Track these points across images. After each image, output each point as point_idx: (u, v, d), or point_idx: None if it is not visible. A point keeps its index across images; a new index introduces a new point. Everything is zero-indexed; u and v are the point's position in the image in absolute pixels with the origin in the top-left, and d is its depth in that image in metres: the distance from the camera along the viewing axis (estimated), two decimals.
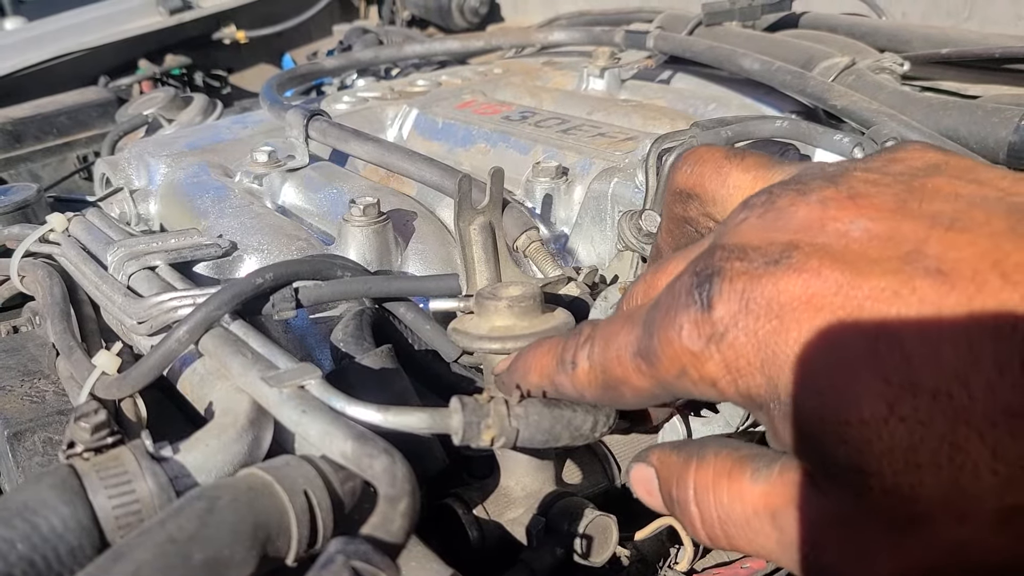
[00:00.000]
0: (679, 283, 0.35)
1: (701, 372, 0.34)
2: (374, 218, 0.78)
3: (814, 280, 0.31)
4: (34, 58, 1.73)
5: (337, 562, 0.36)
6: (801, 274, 0.31)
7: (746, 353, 0.32)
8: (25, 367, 0.72)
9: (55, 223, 0.80)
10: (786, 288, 0.31)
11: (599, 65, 1.23)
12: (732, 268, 0.33)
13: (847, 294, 0.30)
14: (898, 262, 0.30)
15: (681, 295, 0.34)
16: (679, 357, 0.34)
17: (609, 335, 0.39)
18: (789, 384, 0.31)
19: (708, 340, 0.33)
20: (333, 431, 0.45)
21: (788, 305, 0.31)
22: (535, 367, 0.45)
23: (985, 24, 1.32)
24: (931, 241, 0.30)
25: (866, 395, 0.29)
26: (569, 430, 0.47)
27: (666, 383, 0.36)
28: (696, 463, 0.38)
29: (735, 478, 0.36)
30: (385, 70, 1.68)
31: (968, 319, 0.27)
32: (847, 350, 0.29)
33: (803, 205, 0.34)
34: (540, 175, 0.90)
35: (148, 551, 0.38)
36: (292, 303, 0.62)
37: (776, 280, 0.32)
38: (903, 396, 0.28)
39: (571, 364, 0.42)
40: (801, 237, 0.32)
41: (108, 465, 0.45)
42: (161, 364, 0.56)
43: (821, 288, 0.31)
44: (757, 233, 0.34)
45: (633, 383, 0.38)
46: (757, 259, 0.33)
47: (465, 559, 0.57)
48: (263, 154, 0.99)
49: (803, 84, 0.95)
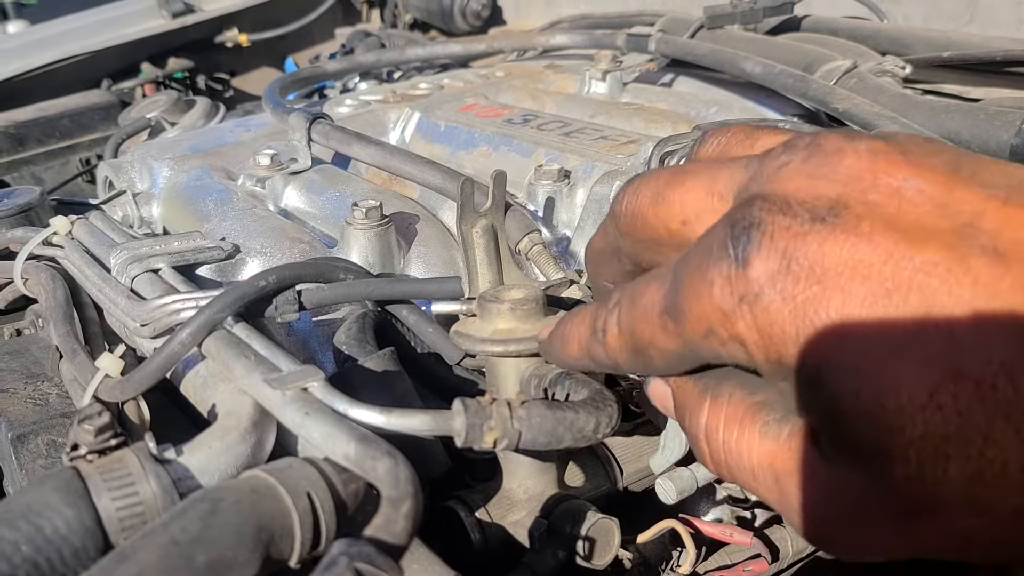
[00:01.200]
0: (712, 234, 0.32)
1: (731, 331, 0.32)
2: (376, 221, 0.78)
3: (864, 245, 0.28)
4: (37, 61, 1.74)
5: (340, 564, 0.37)
6: (850, 237, 0.29)
7: (781, 319, 0.30)
8: (28, 370, 0.72)
9: (58, 226, 0.81)
10: (832, 251, 0.29)
11: (601, 68, 1.23)
12: (774, 222, 0.30)
13: (897, 265, 0.28)
14: (953, 235, 0.28)
15: (713, 248, 0.32)
16: (707, 315, 0.32)
17: (636, 295, 0.37)
18: (826, 358, 0.29)
19: (741, 299, 0.31)
20: (336, 433, 0.45)
21: (833, 270, 0.29)
22: (573, 337, 0.43)
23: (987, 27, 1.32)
24: (987, 215, 0.28)
25: (908, 380, 0.27)
26: (571, 431, 0.47)
27: (693, 343, 0.34)
28: (710, 401, 0.37)
29: (745, 427, 0.35)
30: (387, 73, 1.68)
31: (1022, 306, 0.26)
32: (893, 329, 0.28)
33: (852, 153, 0.31)
34: (542, 178, 0.90)
35: (152, 553, 0.38)
36: (295, 306, 0.62)
37: (822, 241, 0.29)
38: (946, 383, 0.26)
39: (602, 331, 0.39)
40: (851, 192, 0.30)
41: (112, 467, 0.45)
42: (164, 367, 0.56)
43: (870, 255, 0.28)
44: (802, 181, 0.31)
45: (660, 344, 0.36)
46: (802, 214, 0.30)
47: (467, 562, 0.57)
48: (266, 157, 0.99)
49: (805, 87, 0.95)
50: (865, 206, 0.29)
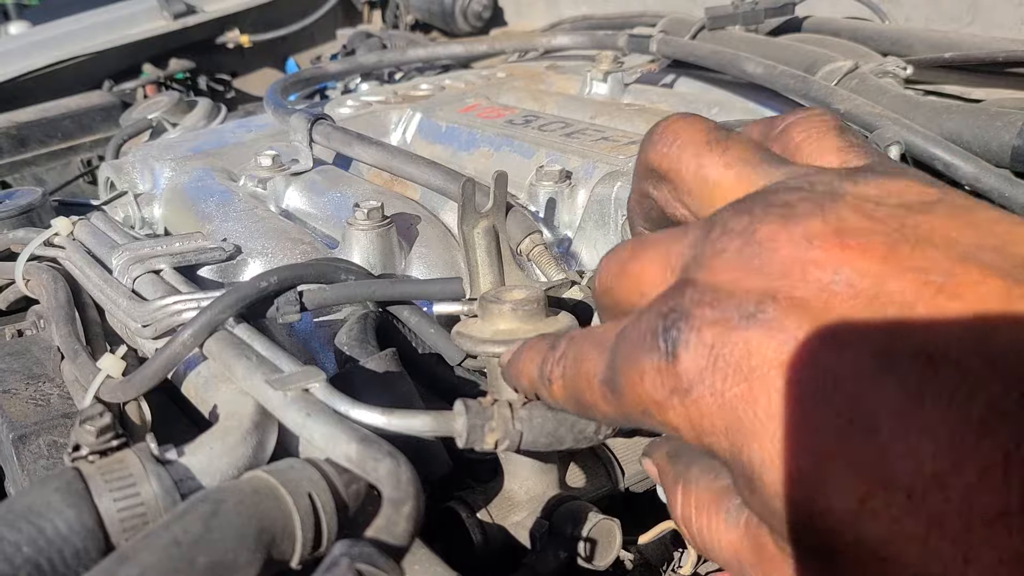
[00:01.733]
0: (645, 320, 0.33)
1: (663, 418, 0.32)
2: (378, 222, 0.78)
3: (789, 342, 0.28)
4: (39, 62, 1.74)
5: (342, 565, 0.37)
6: (776, 335, 0.29)
7: (710, 414, 0.30)
8: (30, 370, 0.72)
9: (60, 227, 0.81)
10: (758, 348, 0.29)
11: (602, 69, 1.23)
12: (702, 316, 0.31)
13: (824, 366, 0.27)
14: (883, 333, 0.27)
15: (646, 337, 0.32)
16: (641, 400, 0.33)
17: (580, 357, 0.38)
18: (755, 458, 0.29)
19: (671, 392, 0.31)
20: (337, 434, 0.45)
21: (759, 368, 0.29)
22: (524, 373, 0.44)
23: (988, 28, 1.32)
24: (919, 307, 0.27)
25: (837, 486, 0.26)
26: (573, 433, 0.47)
27: (631, 417, 0.34)
28: (682, 488, 0.38)
29: (712, 514, 0.35)
30: (388, 74, 1.68)
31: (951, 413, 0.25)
32: (818, 433, 0.27)
33: (786, 242, 0.30)
34: (543, 179, 0.90)
35: (153, 554, 0.38)
36: (296, 307, 0.62)
37: (748, 338, 0.29)
38: (876, 492, 0.26)
39: (547, 380, 0.40)
40: (780, 286, 0.30)
41: (113, 468, 0.45)
42: (166, 367, 0.57)
43: (795, 353, 0.28)
44: (733, 273, 0.31)
45: (601, 409, 0.36)
46: (730, 309, 0.30)
47: (469, 563, 0.57)
48: (267, 158, 0.99)
49: (806, 88, 0.95)
50: (792, 301, 0.29)
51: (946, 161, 0.81)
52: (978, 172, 0.80)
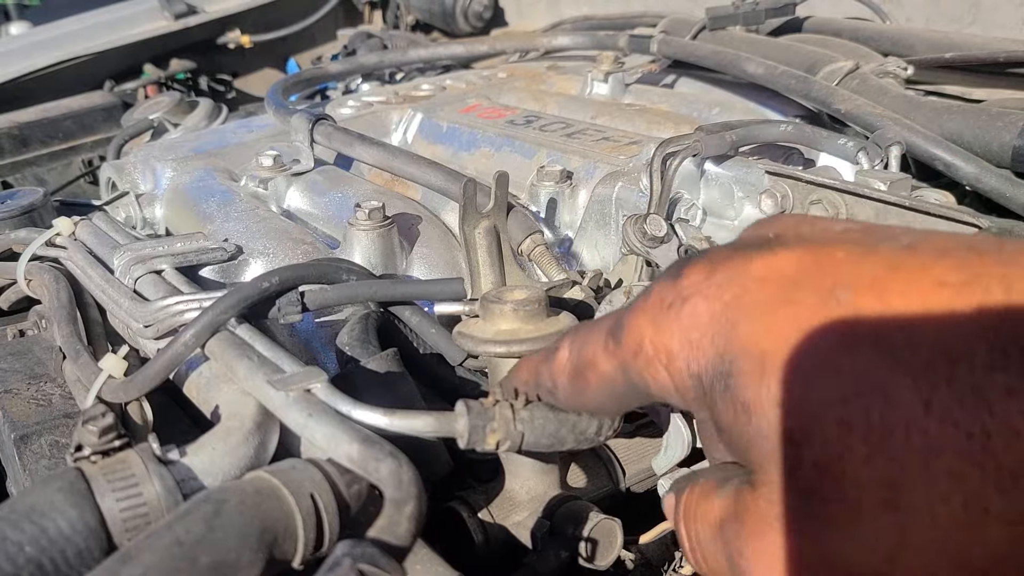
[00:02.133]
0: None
1: (656, 344, 0.34)
2: (379, 222, 0.78)
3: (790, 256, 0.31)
4: (40, 63, 1.74)
5: (344, 565, 0.37)
6: (778, 253, 0.32)
7: (703, 323, 0.32)
8: (32, 370, 0.72)
9: (61, 227, 0.81)
10: (758, 265, 0.32)
11: (603, 70, 1.23)
12: (717, 250, 0.34)
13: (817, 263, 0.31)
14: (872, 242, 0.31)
15: (660, 275, 0.36)
16: (640, 329, 0.35)
17: (592, 323, 0.41)
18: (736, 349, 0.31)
19: (670, 306, 0.34)
20: (339, 434, 0.45)
21: (757, 277, 0.32)
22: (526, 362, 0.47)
23: (989, 28, 1.32)
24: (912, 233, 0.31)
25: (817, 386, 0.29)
26: (574, 434, 0.47)
27: (625, 363, 0.36)
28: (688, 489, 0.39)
29: (707, 497, 0.37)
30: (389, 74, 1.68)
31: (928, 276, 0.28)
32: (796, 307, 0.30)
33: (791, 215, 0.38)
34: (544, 179, 0.90)
35: (155, 554, 0.38)
36: (298, 307, 0.62)
37: (750, 259, 0.32)
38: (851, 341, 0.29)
39: (555, 350, 0.43)
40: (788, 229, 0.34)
41: (115, 468, 0.45)
42: (168, 368, 0.57)
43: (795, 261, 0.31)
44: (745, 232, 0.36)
45: (599, 364, 0.38)
46: (740, 245, 0.34)
47: (470, 562, 0.57)
48: (268, 158, 0.99)
49: (807, 88, 0.95)
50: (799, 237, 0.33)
51: (947, 161, 0.81)
52: (979, 172, 0.80)
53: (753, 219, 0.77)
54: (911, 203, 0.60)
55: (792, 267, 0.31)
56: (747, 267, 0.32)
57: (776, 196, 0.67)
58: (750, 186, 0.76)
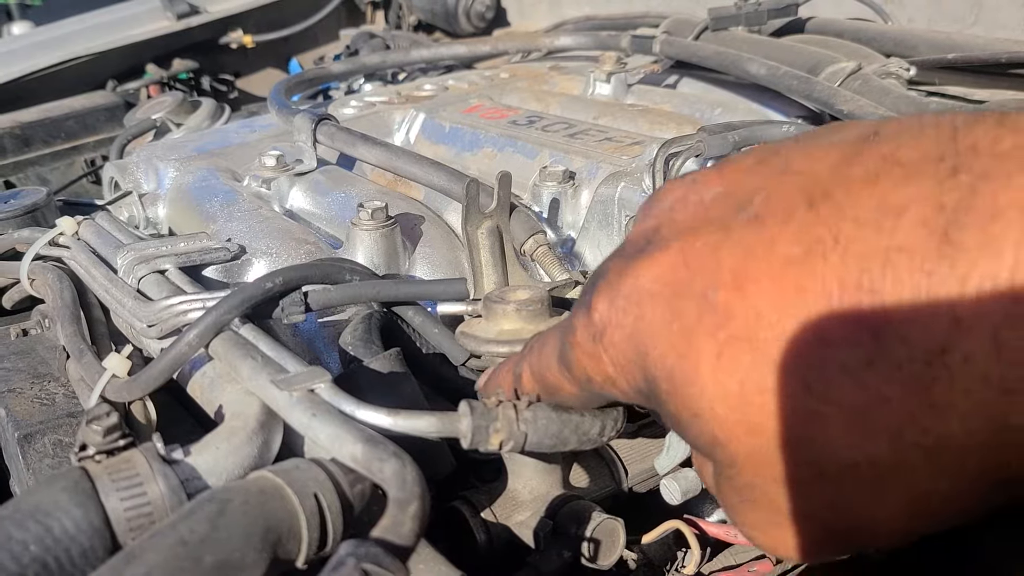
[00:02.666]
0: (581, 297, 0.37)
1: (601, 373, 0.36)
2: (382, 222, 0.78)
3: (665, 259, 0.32)
4: (42, 62, 1.74)
5: (348, 565, 0.37)
6: (656, 258, 0.33)
7: (623, 349, 0.34)
8: (35, 369, 0.73)
9: (65, 227, 0.81)
10: (645, 275, 0.33)
11: (605, 70, 1.23)
12: (611, 266, 0.35)
13: (686, 263, 0.32)
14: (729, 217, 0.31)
15: (577, 303, 0.37)
16: (581, 361, 0.37)
17: (542, 344, 0.42)
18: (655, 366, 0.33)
19: (594, 340, 0.35)
20: (343, 434, 0.45)
21: (647, 292, 0.33)
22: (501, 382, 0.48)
23: (991, 29, 1.32)
24: (764, 190, 0.31)
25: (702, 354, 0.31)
26: (577, 434, 0.47)
27: (587, 388, 0.38)
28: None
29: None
30: (392, 75, 1.68)
31: (775, 255, 0.29)
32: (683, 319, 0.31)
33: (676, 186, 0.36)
34: (547, 179, 0.90)
35: (160, 553, 0.38)
36: (301, 307, 0.62)
37: (637, 270, 0.33)
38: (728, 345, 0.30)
39: (518, 376, 0.45)
40: (664, 217, 0.34)
41: (120, 467, 0.45)
42: (171, 367, 0.57)
43: (670, 266, 0.32)
44: (636, 227, 0.36)
45: (565, 390, 0.40)
46: (628, 250, 0.34)
47: (472, 562, 0.57)
48: (271, 158, 0.99)
49: (809, 89, 0.95)
50: (673, 225, 0.34)
51: None
52: None
53: None
54: None
55: (669, 273, 0.32)
56: (636, 282, 0.33)
57: None
58: None
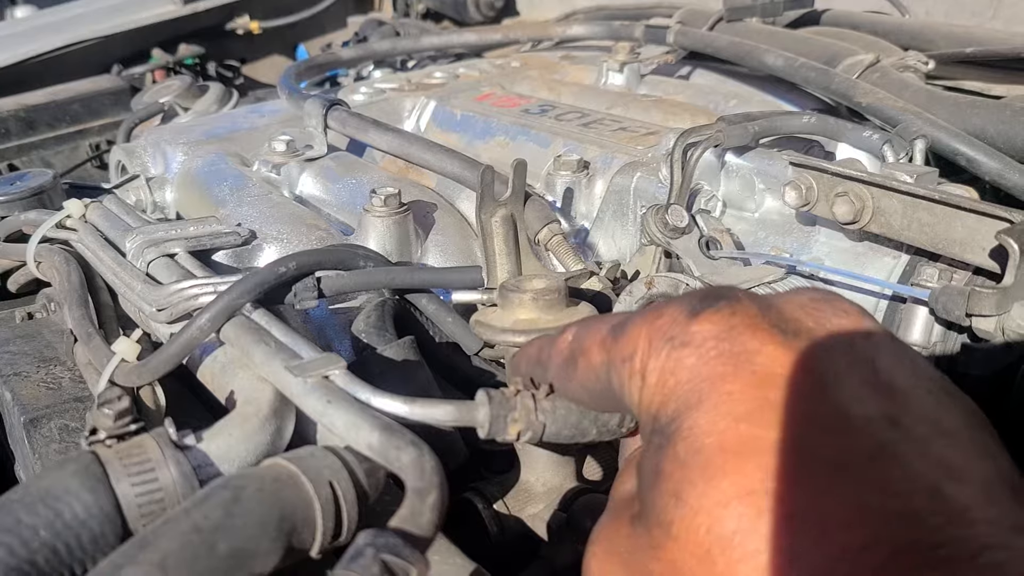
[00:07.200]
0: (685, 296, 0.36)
1: (644, 362, 0.35)
2: (395, 209, 0.77)
3: (793, 372, 0.31)
4: (46, 46, 1.73)
5: (367, 555, 0.36)
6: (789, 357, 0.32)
7: (681, 377, 0.33)
8: (41, 353, 0.72)
9: (72, 209, 0.80)
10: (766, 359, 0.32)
11: (619, 60, 1.22)
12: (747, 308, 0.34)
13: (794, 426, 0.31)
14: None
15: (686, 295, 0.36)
16: (638, 339, 0.35)
17: (602, 316, 0.42)
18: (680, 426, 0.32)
19: (671, 339, 0.34)
20: (359, 422, 0.44)
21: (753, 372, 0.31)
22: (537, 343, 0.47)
23: (1011, 23, 1.30)
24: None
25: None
26: (596, 425, 0.46)
27: (613, 363, 0.37)
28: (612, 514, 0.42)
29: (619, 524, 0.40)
30: (401, 62, 1.67)
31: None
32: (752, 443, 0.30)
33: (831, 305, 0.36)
34: (561, 169, 0.89)
35: (173, 540, 0.38)
36: (314, 293, 0.61)
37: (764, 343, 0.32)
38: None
39: (561, 333, 0.43)
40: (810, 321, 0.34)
41: (131, 453, 0.44)
42: (182, 352, 0.56)
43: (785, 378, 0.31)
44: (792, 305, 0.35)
45: (591, 355, 0.39)
46: (775, 317, 0.34)
47: (485, 554, 0.56)
48: (281, 143, 0.98)
49: (828, 81, 0.94)
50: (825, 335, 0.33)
51: (969, 156, 0.80)
52: (1002, 168, 0.79)
53: (775, 211, 0.76)
54: (940, 196, 0.59)
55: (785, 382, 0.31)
56: (755, 355, 0.32)
57: (800, 188, 0.65)
58: (772, 178, 0.75)
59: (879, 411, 0.30)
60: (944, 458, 0.29)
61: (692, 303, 0.35)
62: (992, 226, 0.56)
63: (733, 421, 0.31)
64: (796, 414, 0.30)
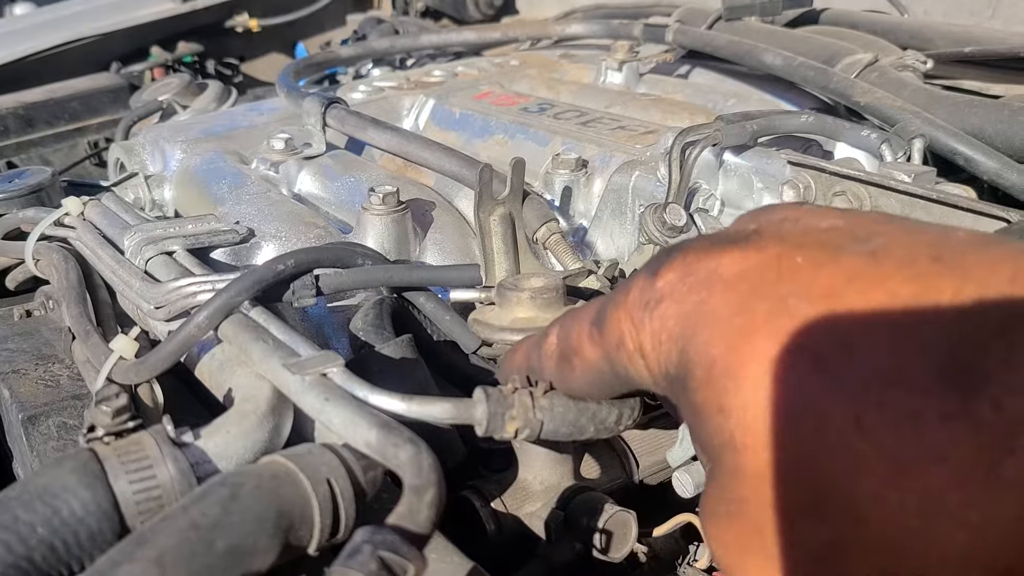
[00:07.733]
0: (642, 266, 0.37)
1: (635, 341, 0.35)
2: (393, 207, 0.77)
3: (757, 257, 0.31)
4: (45, 43, 1.72)
5: (364, 552, 0.36)
6: (747, 253, 0.32)
7: (671, 326, 0.33)
8: (39, 351, 0.72)
9: (71, 207, 0.80)
10: (728, 264, 0.32)
11: (617, 58, 1.22)
12: (692, 246, 0.34)
13: (778, 268, 0.31)
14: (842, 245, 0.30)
15: (642, 268, 0.36)
16: (620, 324, 0.36)
17: (579, 310, 0.42)
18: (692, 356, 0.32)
19: (645, 306, 0.34)
20: (357, 420, 0.44)
21: (723, 279, 0.32)
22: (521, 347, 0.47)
23: (1010, 23, 1.30)
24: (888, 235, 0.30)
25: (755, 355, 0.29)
26: (594, 422, 0.46)
27: (608, 353, 0.37)
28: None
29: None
30: (400, 60, 1.67)
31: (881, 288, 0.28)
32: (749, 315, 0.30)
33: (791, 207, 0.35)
34: (559, 167, 0.89)
35: (171, 537, 0.38)
36: (312, 290, 0.61)
37: (721, 257, 0.32)
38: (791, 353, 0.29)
39: (544, 336, 0.44)
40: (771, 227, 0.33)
41: (129, 450, 0.44)
42: (180, 349, 0.56)
43: (759, 264, 0.31)
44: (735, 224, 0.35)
45: (584, 352, 0.39)
46: (717, 238, 0.34)
47: (482, 552, 0.56)
48: (280, 141, 0.98)
49: (826, 80, 0.94)
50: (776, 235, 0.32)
51: (967, 156, 0.80)
52: (1000, 168, 0.79)
53: None
54: (938, 196, 0.59)
55: (754, 271, 0.31)
56: (716, 268, 0.32)
57: (799, 187, 0.66)
58: (770, 177, 0.75)
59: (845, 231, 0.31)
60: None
61: (650, 267, 0.35)
62: (990, 225, 0.56)
63: (726, 324, 0.31)
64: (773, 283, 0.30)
